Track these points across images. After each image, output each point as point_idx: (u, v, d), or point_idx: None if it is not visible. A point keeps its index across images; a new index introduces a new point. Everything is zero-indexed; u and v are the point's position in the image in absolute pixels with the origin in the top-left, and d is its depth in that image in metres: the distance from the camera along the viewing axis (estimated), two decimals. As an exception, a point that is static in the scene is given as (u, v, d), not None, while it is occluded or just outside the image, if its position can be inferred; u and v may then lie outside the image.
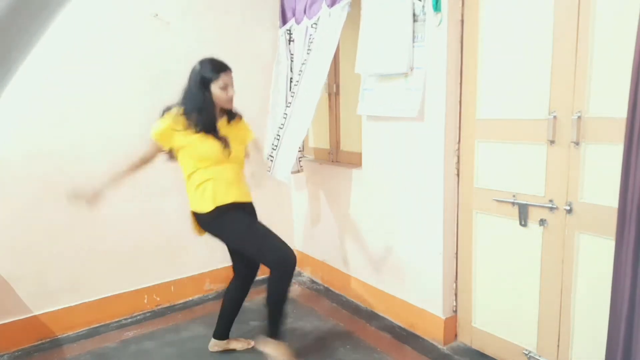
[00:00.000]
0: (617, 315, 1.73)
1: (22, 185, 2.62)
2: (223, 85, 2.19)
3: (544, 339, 2.21)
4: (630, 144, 1.63)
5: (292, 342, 2.69)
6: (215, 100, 2.20)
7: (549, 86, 2.04)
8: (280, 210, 3.77)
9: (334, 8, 2.79)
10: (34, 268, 2.70)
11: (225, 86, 2.20)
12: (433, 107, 2.44)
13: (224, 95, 2.20)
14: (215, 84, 2.18)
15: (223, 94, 2.20)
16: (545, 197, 2.11)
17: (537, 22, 2.06)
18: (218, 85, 2.18)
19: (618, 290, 1.72)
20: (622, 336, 1.70)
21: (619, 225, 1.70)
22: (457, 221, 2.55)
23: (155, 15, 2.94)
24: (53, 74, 2.66)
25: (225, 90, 2.20)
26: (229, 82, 2.21)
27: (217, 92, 2.19)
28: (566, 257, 2.07)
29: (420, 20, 2.41)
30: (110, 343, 2.72)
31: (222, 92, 2.20)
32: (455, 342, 2.63)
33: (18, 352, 2.64)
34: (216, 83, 2.18)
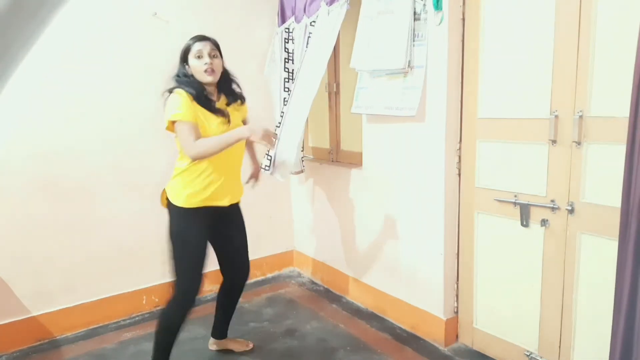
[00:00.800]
0: (620, 316, 1.73)
1: (21, 185, 2.61)
2: (197, 54, 2.05)
3: (545, 340, 2.19)
4: (633, 143, 1.62)
5: (292, 343, 2.68)
6: (194, 72, 2.07)
7: (550, 85, 2.03)
8: (280, 210, 3.76)
9: (333, 6, 2.77)
10: (32, 269, 2.69)
11: (200, 54, 2.05)
12: (434, 106, 2.43)
13: (199, 64, 2.05)
14: (190, 54, 2.07)
15: (198, 63, 2.05)
16: (547, 197, 2.10)
17: (539, 20, 2.05)
18: (193, 54, 2.06)
19: (622, 291, 1.72)
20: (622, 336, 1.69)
21: (622, 226, 1.69)
22: (458, 221, 2.54)
23: (155, 14, 2.93)
24: (52, 74, 2.64)
25: (199, 60, 2.05)
26: (203, 49, 2.06)
27: (193, 62, 2.07)
28: (568, 257, 2.06)
29: (422, 18, 2.40)
30: (108, 344, 2.70)
31: (197, 61, 2.06)
32: (456, 344, 2.61)
33: (16, 353, 2.62)
34: (191, 52, 2.06)
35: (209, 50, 2.07)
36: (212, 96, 2.13)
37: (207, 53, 2.06)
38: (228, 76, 2.22)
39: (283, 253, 3.82)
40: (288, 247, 3.85)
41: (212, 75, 2.07)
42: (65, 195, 2.74)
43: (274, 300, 3.28)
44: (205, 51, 2.06)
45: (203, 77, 2.07)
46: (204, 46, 2.06)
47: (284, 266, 3.84)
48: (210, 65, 2.06)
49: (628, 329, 1.68)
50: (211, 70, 2.06)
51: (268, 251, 3.71)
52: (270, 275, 3.73)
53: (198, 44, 2.07)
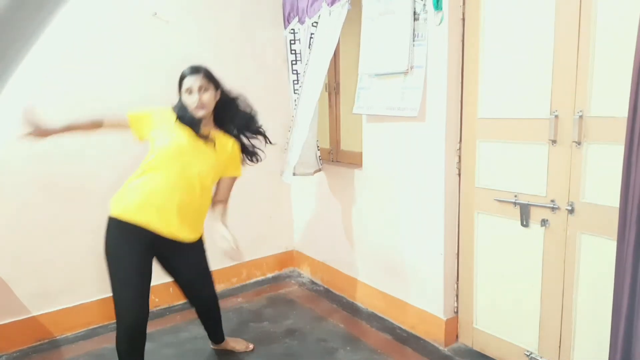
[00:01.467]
0: (619, 316, 1.73)
1: (21, 186, 2.61)
2: (187, 90, 2.04)
3: (545, 340, 2.19)
4: (631, 143, 1.62)
5: (292, 343, 2.68)
6: (187, 107, 2.06)
7: (550, 85, 2.03)
8: (280, 210, 3.76)
9: (334, 6, 2.78)
10: (32, 269, 2.69)
11: (190, 90, 2.03)
12: (434, 106, 2.43)
13: (188, 100, 2.04)
14: (182, 89, 2.06)
15: (187, 99, 2.04)
16: (547, 197, 2.10)
17: (539, 20, 2.04)
18: (184, 90, 2.05)
19: (622, 291, 1.72)
20: (622, 336, 1.69)
21: (620, 226, 1.69)
22: (458, 221, 2.54)
23: (155, 14, 2.92)
24: (52, 74, 2.65)
25: (190, 95, 2.03)
26: (194, 85, 2.02)
27: (184, 97, 2.06)
28: (568, 257, 2.05)
29: (421, 18, 2.40)
30: (108, 344, 2.70)
31: (187, 97, 2.04)
32: (456, 344, 2.61)
33: (16, 353, 2.62)
34: (183, 88, 2.06)
35: (198, 86, 2.02)
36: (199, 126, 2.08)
37: (197, 89, 2.02)
38: (224, 108, 2.15)
39: (283, 253, 3.82)
40: (288, 247, 3.85)
41: (202, 110, 2.04)
42: (66, 195, 2.74)
43: (274, 300, 3.28)
44: (195, 87, 2.02)
45: (193, 112, 2.05)
46: (193, 81, 2.02)
47: (284, 266, 3.84)
48: (200, 102, 2.02)
49: (628, 330, 1.68)
50: (200, 107, 2.03)
51: (268, 251, 3.71)
52: (270, 275, 3.73)
53: (188, 79, 2.04)
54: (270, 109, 3.46)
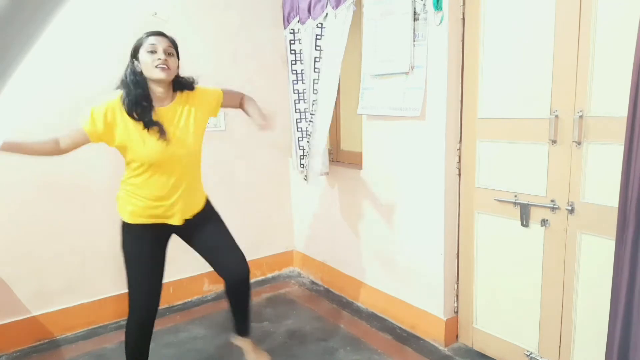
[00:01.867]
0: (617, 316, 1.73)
1: (21, 185, 2.61)
2: (150, 47, 1.79)
3: (545, 340, 2.19)
4: (631, 143, 1.63)
5: (292, 343, 2.68)
6: (144, 70, 1.80)
7: (550, 85, 2.03)
8: (280, 210, 3.76)
9: (340, 9, 2.78)
10: (32, 269, 2.68)
11: (154, 49, 1.79)
12: (434, 106, 2.43)
13: (150, 58, 1.78)
14: (142, 48, 1.80)
15: (149, 58, 1.78)
16: (547, 197, 2.10)
17: (539, 20, 2.04)
18: (145, 49, 1.79)
19: (619, 291, 1.72)
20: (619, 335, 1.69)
21: (619, 225, 1.69)
22: (458, 221, 2.54)
23: (155, 14, 2.92)
24: (52, 74, 2.64)
25: (153, 53, 1.79)
26: (159, 46, 1.79)
27: (144, 57, 1.79)
28: (568, 257, 2.05)
29: (421, 18, 2.40)
30: (108, 344, 2.70)
31: (148, 56, 1.78)
32: (456, 343, 2.61)
33: (16, 353, 2.62)
34: (143, 47, 1.80)
35: (164, 47, 1.82)
36: (155, 102, 1.87)
37: (163, 49, 1.81)
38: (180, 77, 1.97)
39: (283, 253, 3.82)
40: (288, 247, 3.85)
41: (165, 72, 1.80)
42: (65, 195, 2.74)
43: (274, 300, 3.28)
44: (161, 47, 1.80)
45: (153, 73, 1.80)
46: (159, 41, 1.81)
47: (284, 266, 3.84)
48: (165, 61, 1.79)
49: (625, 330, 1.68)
50: (165, 67, 1.80)
51: (268, 251, 3.71)
52: (270, 275, 3.73)
53: (152, 37, 1.81)
54: (270, 109, 3.46)
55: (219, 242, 2.15)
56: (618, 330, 1.69)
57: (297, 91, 3.30)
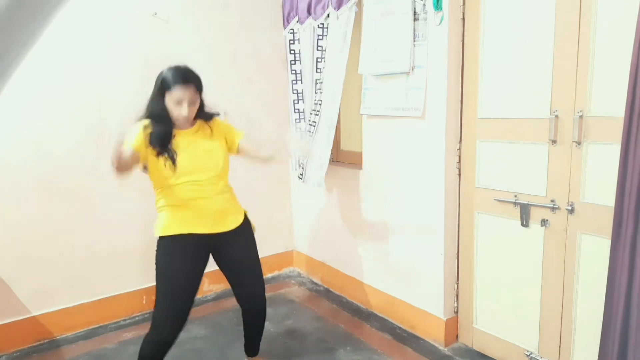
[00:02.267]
0: (612, 314, 1.73)
1: (21, 186, 2.61)
2: (176, 100, 1.88)
3: (545, 340, 2.19)
4: (628, 142, 1.63)
5: (292, 343, 2.68)
6: (170, 111, 1.92)
7: (550, 85, 2.03)
8: (280, 210, 3.76)
9: (341, 9, 2.78)
10: (32, 269, 2.69)
11: (179, 102, 1.88)
12: (434, 106, 2.43)
13: (175, 111, 1.90)
14: (169, 95, 1.89)
15: (175, 109, 1.90)
16: (547, 197, 2.10)
17: (539, 20, 2.04)
18: (171, 98, 1.89)
19: (613, 289, 1.72)
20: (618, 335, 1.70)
21: (615, 224, 1.69)
22: (458, 221, 2.54)
23: (155, 14, 2.92)
24: (52, 74, 2.64)
25: (178, 105, 1.89)
26: (184, 98, 1.88)
27: (170, 105, 1.90)
28: (568, 257, 2.05)
29: (422, 18, 2.40)
30: (108, 344, 2.70)
31: (173, 107, 1.90)
32: (456, 343, 2.61)
33: (16, 353, 2.62)
34: (170, 95, 1.89)
35: (189, 99, 1.90)
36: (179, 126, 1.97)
37: (188, 102, 1.89)
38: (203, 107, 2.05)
39: (283, 253, 3.82)
40: (288, 247, 3.85)
41: (186, 122, 1.96)
42: (65, 195, 2.74)
43: (274, 300, 3.28)
44: (186, 99, 1.89)
45: (177, 121, 1.94)
46: (185, 93, 1.88)
47: (284, 266, 3.84)
48: (188, 115, 1.92)
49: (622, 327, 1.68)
50: (186, 119, 1.94)
51: (268, 251, 3.71)
52: (270, 275, 3.73)
53: (179, 89, 1.87)
54: (270, 109, 3.47)
55: (248, 270, 2.17)
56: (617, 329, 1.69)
57: (296, 91, 3.30)
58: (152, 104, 1.95)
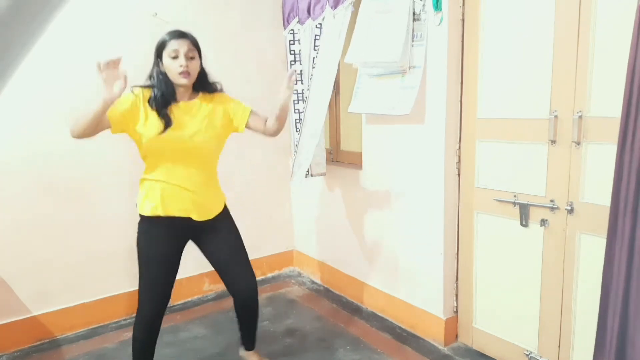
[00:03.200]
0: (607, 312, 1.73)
1: (22, 186, 2.61)
2: (173, 53, 1.84)
3: (545, 340, 2.20)
4: (624, 142, 1.63)
5: (292, 343, 2.69)
6: (168, 72, 1.88)
7: (550, 85, 2.03)
8: (280, 210, 3.76)
9: (338, 9, 2.78)
10: (33, 268, 2.69)
11: (176, 54, 1.84)
12: (434, 106, 2.43)
13: (173, 65, 1.84)
14: (165, 52, 1.85)
15: (172, 64, 1.85)
16: (547, 197, 2.11)
17: (538, 21, 2.05)
18: (168, 54, 1.84)
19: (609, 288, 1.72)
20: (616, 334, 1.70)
21: (611, 224, 1.69)
22: (458, 221, 2.54)
23: (155, 14, 2.93)
24: (52, 74, 2.65)
25: (175, 60, 1.84)
26: (181, 50, 1.84)
27: (167, 62, 1.86)
28: (567, 257, 2.06)
29: (421, 19, 2.40)
30: (109, 344, 2.71)
31: (171, 62, 1.85)
32: (456, 343, 2.62)
33: (17, 353, 2.63)
34: (166, 50, 1.85)
35: (185, 51, 1.86)
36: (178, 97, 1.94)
37: (184, 53, 1.85)
38: (205, 76, 2.02)
39: (283, 253, 3.82)
40: (288, 247, 3.85)
41: (187, 78, 1.88)
42: (65, 196, 2.75)
43: (274, 300, 3.29)
44: (182, 51, 1.85)
45: (177, 79, 1.88)
46: (180, 45, 1.85)
47: (284, 266, 3.84)
48: (186, 67, 1.86)
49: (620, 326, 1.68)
50: (186, 73, 1.87)
51: (268, 251, 3.72)
52: (270, 275, 3.73)
53: (174, 42, 1.85)
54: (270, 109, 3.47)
55: (230, 256, 2.13)
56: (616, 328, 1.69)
57: (296, 91, 3.30)
58: (151, 72, 1.93)
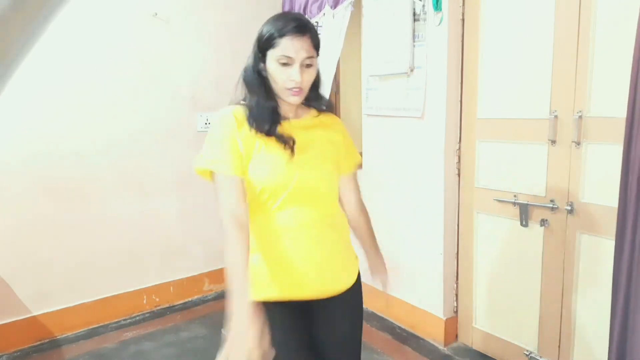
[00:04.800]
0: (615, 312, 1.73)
1: (22, 186, 2.61)
2: (284, 59, 1.21)
3: (545, 340, 2.20)
4: (630, 143, 1.63)
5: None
6: (272, 81, 1.26)
7: (550, 85, 2.03)
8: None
9: (338, 9, 2.79)
10: (33, 268, 2.69)
11: (288, 60, 1.21)
12: (434, 106, 2.43)
13: (281, 75, 1.22)
14: (273, 52, 1.23)
15: (280, 73, 1.22)
16: (547, 197, 2.11)
17: (538, 21, 2.05)
18: (276, 57, 1.22)
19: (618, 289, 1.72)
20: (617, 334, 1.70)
21: (619, 225, 1.69)
22: (458, 221, 2.54)
23: (155, 14, 2.93)
24: (52, 74, 2.65)
25: (286, 68, 1.22)
26: (297, 56, 1.21)
27: (273, 67, 1.23)
28: (567, 257, 2.06)
29: (421, 19, 2.41)
30: (109, 344, 2.71)
31: (280, 71, 1.22)
32: (455, 343, 2.62)
33: (17, 353, 2.62)
34: (275, 51, 1.22)
35: (303, 57, 1.22)
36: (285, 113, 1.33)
37: (301, 61, 1.22)
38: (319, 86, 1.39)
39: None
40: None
41: (298, 95, 1.26)
42: (66, 196, 2.75)
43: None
44: (299, 58, 1.21)
45: (283, 94, 1.26)
46: (297, 49, 1.21)
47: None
48: (300, 84, 1.23)
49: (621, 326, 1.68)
50: (298, 90, 1.24)
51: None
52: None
53: (289, 40, 1.21)
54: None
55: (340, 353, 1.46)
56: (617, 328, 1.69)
57: None
58: (247, 70, 1.31)
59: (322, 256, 1.32)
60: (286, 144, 1.26)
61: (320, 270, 1.31)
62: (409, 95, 2.52)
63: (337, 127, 1.44)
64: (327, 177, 1.34)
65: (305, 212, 1.29)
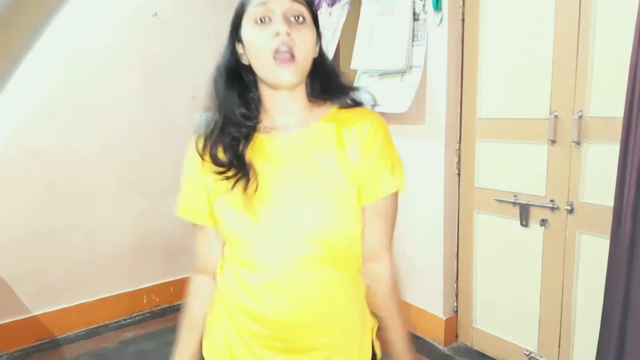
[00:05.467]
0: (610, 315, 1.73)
1: (21, 185, 2.61)
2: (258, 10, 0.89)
3: (545, 340, 2.20)
4: (627, 142, 1.63)
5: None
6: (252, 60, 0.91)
7: (550, 85, 2.03)
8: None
9: (335, 7, 2.78)
10: (33, 268, 2.69)
11: (264, 10, 0.88)
12: (433, 106, 2.43)
13: (259, 36, 0.88)
14: (246, 20, 0.92)
15: (258, 35, 0.88)
16: (547, 197, 2.11)
17: (538, 21, 2.05)
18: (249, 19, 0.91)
19: (612, 290, 1.72)
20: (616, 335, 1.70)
21: (614, 225, 1.69)
22: (458, 221, 2.54)
23: (155, 14, 2.93)
24: (52, 74, 2.64)
25: (264, 24, 0.87)
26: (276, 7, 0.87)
27: (248, 34, 0.91)
28: (567, 257, 2.06)
29: (421, 19, 2.40)
30: (109, 344, 2.71)
31: (256, 31, 0.89)
32: (455, 343, 2.62)
33: (17, 353, 2.62)
34: (247, 17, 0.92)
35: (286, 7, 0.87)
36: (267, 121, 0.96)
37: (283, 12, 0.87)
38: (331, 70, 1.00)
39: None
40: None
41: (290, 64, 0.86)
42: (66, 196, 2.74)
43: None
44: (280, 7, 0.87)
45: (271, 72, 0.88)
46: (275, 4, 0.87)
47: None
48: (289, 42, 0.86)
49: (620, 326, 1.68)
50: (289, 57, 0.86)
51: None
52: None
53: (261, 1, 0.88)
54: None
55: None
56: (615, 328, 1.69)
57: None
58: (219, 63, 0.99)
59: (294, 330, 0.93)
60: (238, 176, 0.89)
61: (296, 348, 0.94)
62: (401, 94, 2.49)
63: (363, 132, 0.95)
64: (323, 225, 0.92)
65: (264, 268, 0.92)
